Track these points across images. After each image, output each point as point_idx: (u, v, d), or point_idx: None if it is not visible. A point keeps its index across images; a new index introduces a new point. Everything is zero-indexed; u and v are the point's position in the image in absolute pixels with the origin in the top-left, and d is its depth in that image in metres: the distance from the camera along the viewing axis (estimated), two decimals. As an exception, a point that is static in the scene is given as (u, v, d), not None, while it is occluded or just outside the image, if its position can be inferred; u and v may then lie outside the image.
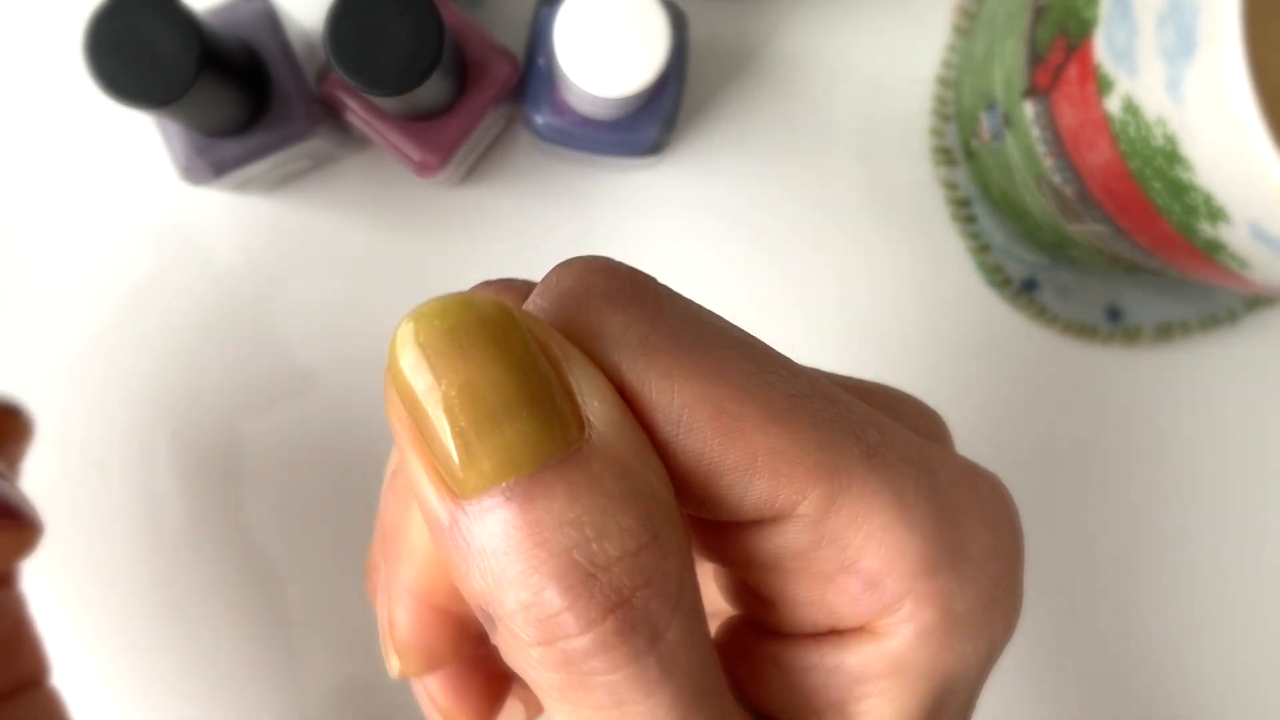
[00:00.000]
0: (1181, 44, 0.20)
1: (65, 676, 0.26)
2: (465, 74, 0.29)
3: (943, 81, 0.34)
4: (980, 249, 0.34)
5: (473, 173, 0.34)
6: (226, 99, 0.27)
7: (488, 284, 0.15)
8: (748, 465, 0.14)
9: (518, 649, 0.13)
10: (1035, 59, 0.26)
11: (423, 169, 0.30)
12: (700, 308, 0.15)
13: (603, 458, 0.13)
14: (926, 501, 0.15)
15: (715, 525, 0.15)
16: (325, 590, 0.34)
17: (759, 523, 0.15)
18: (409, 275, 0.34)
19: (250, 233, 0.33)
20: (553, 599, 0.13)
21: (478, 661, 0.18)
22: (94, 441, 0.33)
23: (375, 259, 0.34)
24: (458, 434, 0.13)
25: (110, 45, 0.24)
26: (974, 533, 0.15)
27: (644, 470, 0.13)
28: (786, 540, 0.15)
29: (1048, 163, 0.27)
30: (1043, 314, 0.34)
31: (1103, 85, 0.23)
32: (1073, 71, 0.24)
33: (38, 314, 0.33)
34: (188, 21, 0.24)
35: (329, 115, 0.30)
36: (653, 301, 0.14)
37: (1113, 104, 0.23)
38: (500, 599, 0.13)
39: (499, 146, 0.34)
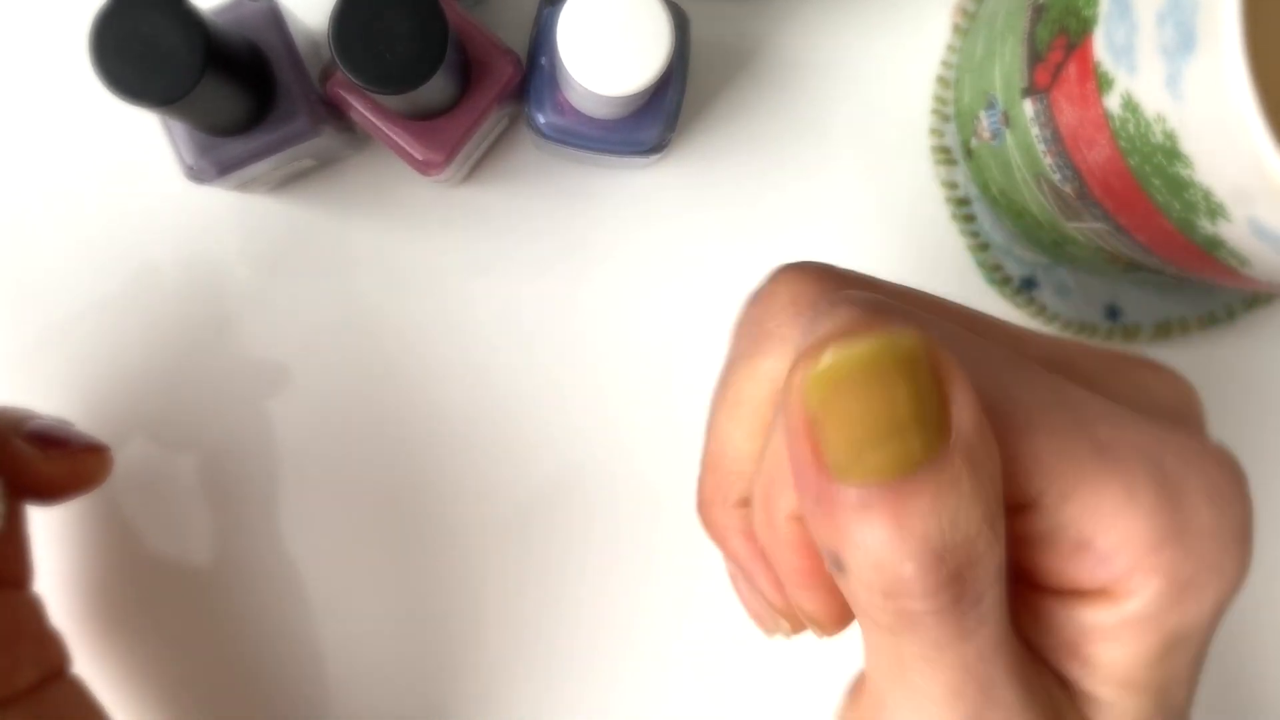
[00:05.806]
0: (1181, 41, 0.20)
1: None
2: (468, 73, 0.29)
3: (942, 81, 0.34)
4: (980, 247, 0.34)
5: (475, 171, 0.34)
6: (231, 98, 0.27)
7: (880, 310, 0.17)
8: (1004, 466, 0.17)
9: (865, 596, 0.16)
10: (1035, 58, 0.26)
11: (426, 168, 0.30)
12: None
13: (961, 458, 0.15)
14: (1153, 486, 0.17)
15: None
16: (327, 585, 0.34)
17: (1014, 507, 0.18)
18: (413, 273, 0.34)
19: (254, 231, 0.34)
20: (908, 571, 0.15)
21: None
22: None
23: (379, 257, 0.34)
24: (850, 442, 0.15)
25: (115, 43, 0.24)
26: (1197, 510, 0.17)
27: (989, 464, 0.16)
28: (1033, 524, 0.18)
29: (1047, 161, 0.27)
30: (1042, 312, 0.34)
31: (1102, 83, 0.23)
32: (1072, 70, 0.24)
33: (40, 312, 0.33)
34: (193, 20, 0.24)
35: (333, 114, 0.30)
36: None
37: (1112, 101, 0.23)
38: (861, 565, 0.16)
39: (502, 146, 0.34)
